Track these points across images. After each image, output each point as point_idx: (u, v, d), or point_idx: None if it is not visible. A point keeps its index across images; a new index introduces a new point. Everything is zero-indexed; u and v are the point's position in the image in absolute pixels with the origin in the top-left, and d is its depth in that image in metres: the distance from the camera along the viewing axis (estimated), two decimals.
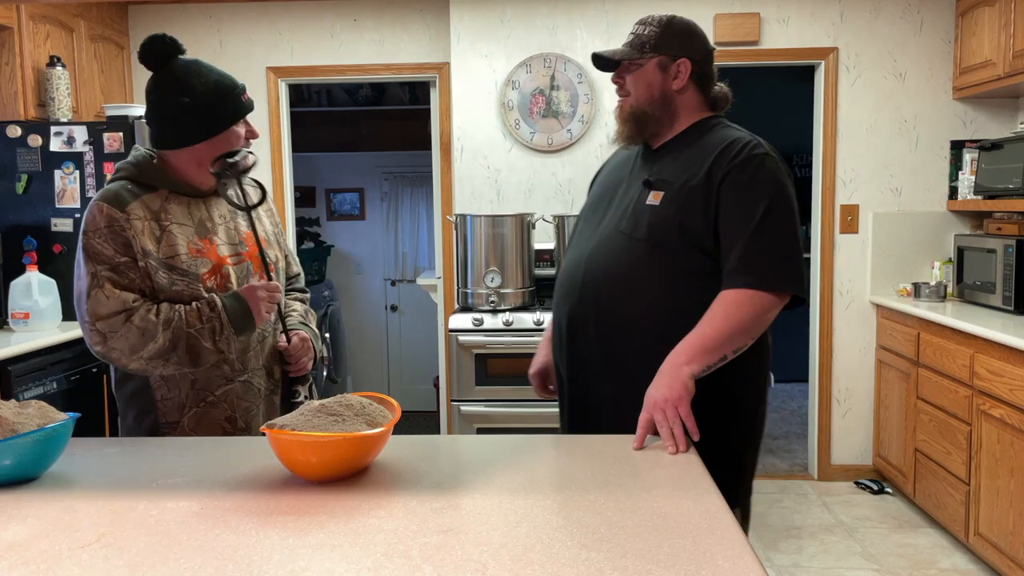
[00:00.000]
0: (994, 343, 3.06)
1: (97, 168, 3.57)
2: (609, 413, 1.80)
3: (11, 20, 3.54)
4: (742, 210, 1.69)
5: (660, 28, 1.82)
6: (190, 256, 1.80)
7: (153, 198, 1.81)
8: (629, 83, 1.83)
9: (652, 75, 1.82)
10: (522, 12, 4.26)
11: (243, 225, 1.93)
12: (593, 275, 1.80)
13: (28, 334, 3.31)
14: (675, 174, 1.77)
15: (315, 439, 1.33)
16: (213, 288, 1.82)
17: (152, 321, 1.73)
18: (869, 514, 3.88)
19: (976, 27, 3.91)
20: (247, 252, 1.91)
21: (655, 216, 1.74)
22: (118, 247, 1.75)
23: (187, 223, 1.83)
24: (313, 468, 1.37)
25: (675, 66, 1.81)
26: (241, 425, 1.87)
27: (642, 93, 1.82)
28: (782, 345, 7.01)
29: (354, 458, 1.38)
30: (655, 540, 1.12)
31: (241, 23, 4.46)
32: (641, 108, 1.82)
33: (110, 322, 1.73)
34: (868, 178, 4.26)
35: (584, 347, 1.83)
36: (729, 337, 1.64)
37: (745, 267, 1.67)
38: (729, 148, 1.74)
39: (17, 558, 1.10)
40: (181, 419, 1.83)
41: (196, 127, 1.81)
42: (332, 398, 1.47)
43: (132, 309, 1.73)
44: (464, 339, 3.70)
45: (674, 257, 1.73)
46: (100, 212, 1.75)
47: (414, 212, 6.29)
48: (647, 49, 1.81)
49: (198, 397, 1.83)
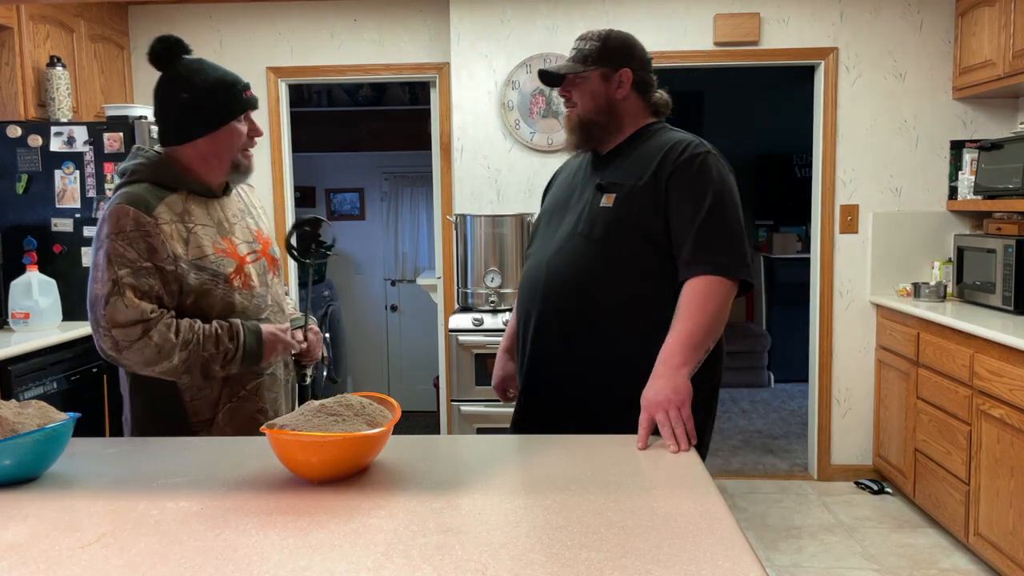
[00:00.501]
0: (994, 343, 3.06)
1: (97, 168, 3.57)
2: (574, 412, 1.88)
3: (11, 20, 3.54)
4: (689, 203, 1.79)
5: (600, 42, 1.93)
6: (216, 256, 1.83)
7: (175, 200, 1.82)
8: (575, 95, 1.94)
9: (596, 86, 1.92)
10: (522, 12, 4.26)
11: (252, 224, 1.98)
12: (554, 277, 1.89)
13: (28, 334, 3.31)
14: (624, 176, 1.88)
15: (315, 439, 1.33)
16: (239, 287, 1.85)
17: (171, 341, 1.74)
18: (869, 514, 3.88)
19: (976, 27, 3.91)
20: (260, 249, 1.96)
21: (609, 217, 1.85)
22: (142, 251, 1.74)
23: (208, 224, 1.86)
24: (313, 468, 1.37)
25: (617, 76, 1.92)
26: (271, 415, 1.90)
27: (588, 103, 1.93)
28: (782, 345, 7.02)
29: (354, 458, 1.39)
30: (655, 540, 1.12)
31: (241, 23, 4.47)
32: (588, 117, 1.93)
33: (127, 331, 1.72)
34: (868, 178, 4.26)
35: (549, 348, 1.91)
36: (708, 329, 1.72)
37: (701, 256, 1.76)
38: (673, 149, 1.85)
39: (17, 558, 1.10)
40: (216, 415, 1.85)
41: (197, 122, 1.82)
42: (332, 398, 1.47)
43: (151, 321, 1.73)
44: (464, 339, 3.71)
45: (630, 256, 1.83)
46: (127, 215, 1.74)
47: (414, 212, 6.29)
48: (589, 62, 1.92)
49: (231, 392, 1.86)
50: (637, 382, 1.71)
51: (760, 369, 6.56)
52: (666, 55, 4.19)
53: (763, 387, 6.52)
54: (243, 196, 2.03)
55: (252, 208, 2.04)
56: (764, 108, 7.35)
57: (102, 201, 3.56)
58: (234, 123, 1.85)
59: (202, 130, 1.83)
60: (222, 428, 1.86)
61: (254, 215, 2.02)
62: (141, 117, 3.61)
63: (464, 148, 4.33)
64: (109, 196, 3.52)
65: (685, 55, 4.22)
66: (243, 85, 1.88)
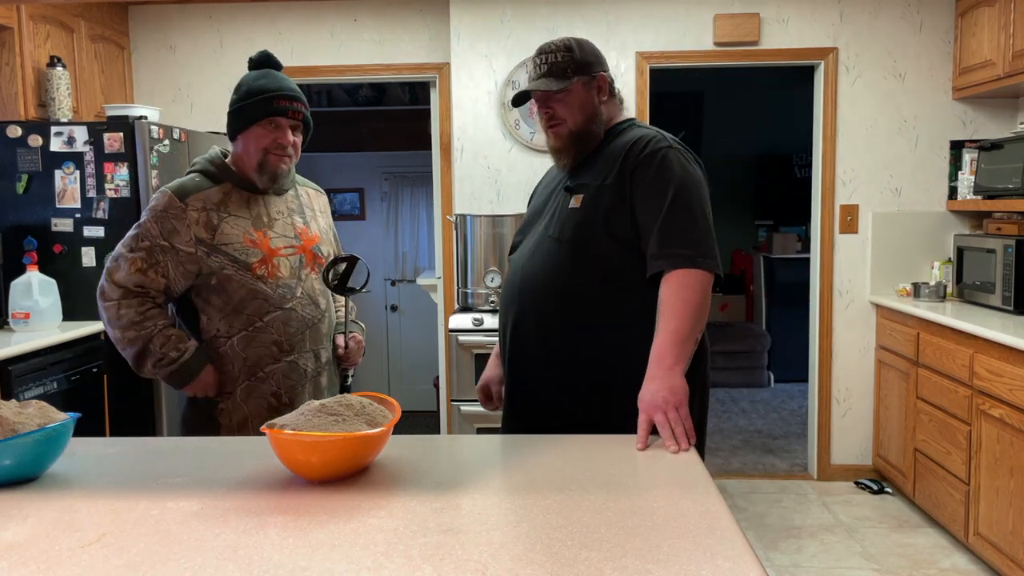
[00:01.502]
0: (994, 343, 3.06)
1: (97, 168, 3.57)
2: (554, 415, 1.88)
3: (11, 20, 3.54)
4: (653, 199, 1.79)
5: (569, 52, 1.90)
6: (243, 245, 2.02)
7: (215, 192, 2.04)
8: (561, 111, 1.90)
9: (582, 96, 1.91)
10: (522, 12, 4.26)
11: (299, 222, 2.15)
12: (529, 281, 1.90)
13: (28, 334, 3.31)
14: (592, 177, 1.88)
15: (316, 439, 1.33)
16: (263, 276, 2.01)
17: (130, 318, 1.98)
18: (869, 514, 3.88)
19: (976, 27, 3.91)
20: (300, 246, 2.11)
21: (577, 218, 1.85)
22: (164, 231, 1.98)
23: (244, 216, 2.05)
24: (313, 468, 1.37)
25: (595, 82, 1.92)
26: (286, 401, 2.06)
27: (577, 115, 1.90)
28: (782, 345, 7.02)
29: (354, 458, 1.39)
30: (655, 540, 1.12)
31: (241, 23, 4.47)
32: (580, 128, 1.91)
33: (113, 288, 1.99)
34: (868, 178, 4.26)
35: (526, 351, 1.92)
36: (694, 323, 1.72)
37: (666, 250, 1.76)
38: (635, 145, 1.85)
39: (17, 558, 1.10)
40: (235, 390, 2.03)
41: (232, 123, 2.06)
42: (332, 398, 1.47)
43: (131, 294, 1.99)
44: (464, 339, 3.71)
45: (600, 256, 1.83)
46: (164, 197, 2.00)
47: (414, 212, 6.28)
48: (569, 74, 1.89)
49: (249, 373, 2.03)
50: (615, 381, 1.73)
51: (760, 369, 6.56)
52: (666, 55, 4.19)
53: (763, 387, 6.52)
54: (300, 197, 2.21)
55: (307, 209, 2.21)
56: (764, 108, 7.35)
57: (102, 201, 3.57)
58: (257, 127, 2.02)
59: (234, 131, 2.06)
60: (239, 404, 2.04)
61: (306, 216, 2.18)
62: (141, 117, 3.60)
63: (464, 148, 4.33)
64: (109, 196, 3.57)
65: (685, 55, 4.22)
66: (278, 95, 2.02)
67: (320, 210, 2.27)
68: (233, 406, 2.04)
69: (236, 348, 2.01)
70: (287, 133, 2.04)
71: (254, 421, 2.03)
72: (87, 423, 2.03)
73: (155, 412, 3.57)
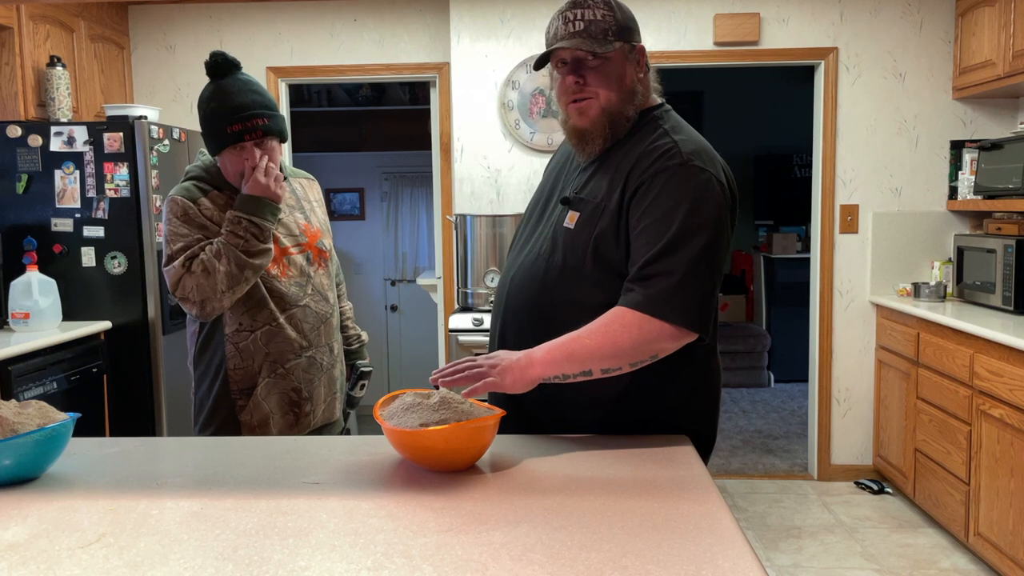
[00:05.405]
0: (994, 343, 3.06)
1: (97, 168, 3.57)
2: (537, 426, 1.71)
3: (11, 20, 3.54)
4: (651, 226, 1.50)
5: (611, 10, 1.54)
6: None
7: (219, 196, 2.06)
8: (594, 81, 1.55)
9: (620, 67, 1.56)
10: (522, 12, 4.26)
11: (300, 218, 2.16)
12: (515, 298, 1.69)
13: (28, 334, 3.31)
14: (594, 191, 1.59)
15: (474, 425, 1.39)
16: (277, 275, 2.06)
17: (210, 259, 1.95)
18: (869, 514, 3.88)
19: (976, 27, 3.91)
20: (306, 242, 2.14)
21: (567, 240, 1.59)
22: (193, 229, 2.01)
23: None
24: (466, 454, 1.42)
25: (635, 53, 1.58)
26: (305, 395, 2.10)
27: (613, 90, 1.56)
28: (782, 345, 7.02)
29: (481, 445, 1.44)
30: (655, 540, 1.12)
31: (241, 23, 4.46)
32: (613, 108, 1.57)
33: (181, 271, 1.96)
34: (868, 178, 4.26)
35: None
36: (601, 357, 1.49)
37: (640, 285, 1.49)
38: (645, 157, 1.54)
39: (17, 558, 1.10)
40: (256, 387, 2.05)
41: (206, 146, 2.08)
42: (407, 394, 1.50)
43: (193, 252, 1.98)
44: (464, 339, 3.70)
45: (591, 284, 1.58)
46: (176, 203, 2.02)
47: (414, 212, 6.28)
48: (611, 36, 1.53)
49: (271, 369, 2.06)
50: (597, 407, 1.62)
51: (760, 369, 6.56)
52: (666, 55, 4.19)
53: (763, 387, 6.52)
54: (296, 191, 2.21)
55: (304, 202, 2.21)
56: (764, 108, 7.35)
57: (102, 201, 3.57)
58: (227, 153, 2.02)
59: (211, 154, 2.08)
60: (259, 401, 2.06)
61: (305, 210, 2.19)
62: (141, 117, 3.61)
63: (464, 148, 4.33)
64: (109, 196, 3.57)
65: (685, 55, 4.22)
66: (229, 121, 1.98)
67: (316, 200, 2.29)
68: (254, 404, 2.06)
69: (259, 342, 2.05)
70: (254, 153, 2.01)
71: (274, 417, 2.06)
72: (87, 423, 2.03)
73: (155, 412, 3.57)
